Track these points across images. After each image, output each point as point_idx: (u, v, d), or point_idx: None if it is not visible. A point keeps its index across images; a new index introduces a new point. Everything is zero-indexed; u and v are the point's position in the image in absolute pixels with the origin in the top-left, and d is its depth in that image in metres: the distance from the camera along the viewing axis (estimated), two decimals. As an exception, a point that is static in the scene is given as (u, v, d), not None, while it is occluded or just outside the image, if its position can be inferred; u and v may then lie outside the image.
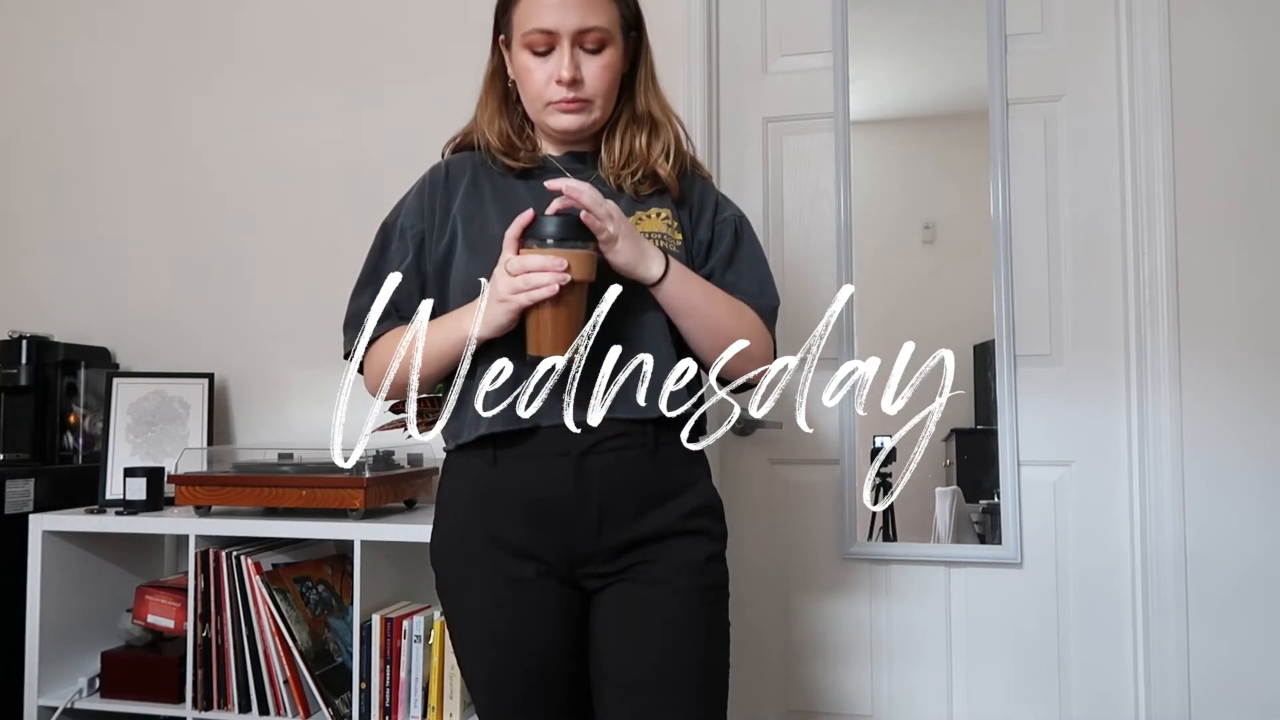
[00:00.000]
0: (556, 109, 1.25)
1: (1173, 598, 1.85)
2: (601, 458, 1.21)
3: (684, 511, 1.24)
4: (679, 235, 1.29)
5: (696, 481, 1.27)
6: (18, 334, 2.17)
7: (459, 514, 1.27)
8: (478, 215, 1.28)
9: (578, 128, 1.27)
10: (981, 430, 1.99)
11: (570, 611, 1.24)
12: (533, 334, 1.13)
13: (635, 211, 1.28)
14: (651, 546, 1.23)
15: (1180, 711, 1.83)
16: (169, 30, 2.40)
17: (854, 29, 2.07)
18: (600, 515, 1.21)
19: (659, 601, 1.21)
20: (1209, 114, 1.88)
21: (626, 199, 1.28)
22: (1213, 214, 1.87)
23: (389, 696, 1.77)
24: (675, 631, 1.21)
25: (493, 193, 1.30)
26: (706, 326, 1.25)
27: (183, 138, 2.37)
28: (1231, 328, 1.85)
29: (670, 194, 1.30)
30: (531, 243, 1.13)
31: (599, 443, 1.20)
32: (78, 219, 2.43)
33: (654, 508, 1.23)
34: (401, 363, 1.16)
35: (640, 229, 1.24)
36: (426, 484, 2.03)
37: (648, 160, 1.28)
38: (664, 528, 1.23)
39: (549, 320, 1.12)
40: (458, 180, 1.32)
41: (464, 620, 1.26)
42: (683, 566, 1.22)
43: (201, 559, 1.82)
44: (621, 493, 1.21)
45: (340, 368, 2.35)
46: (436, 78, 2.20)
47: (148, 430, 2.14)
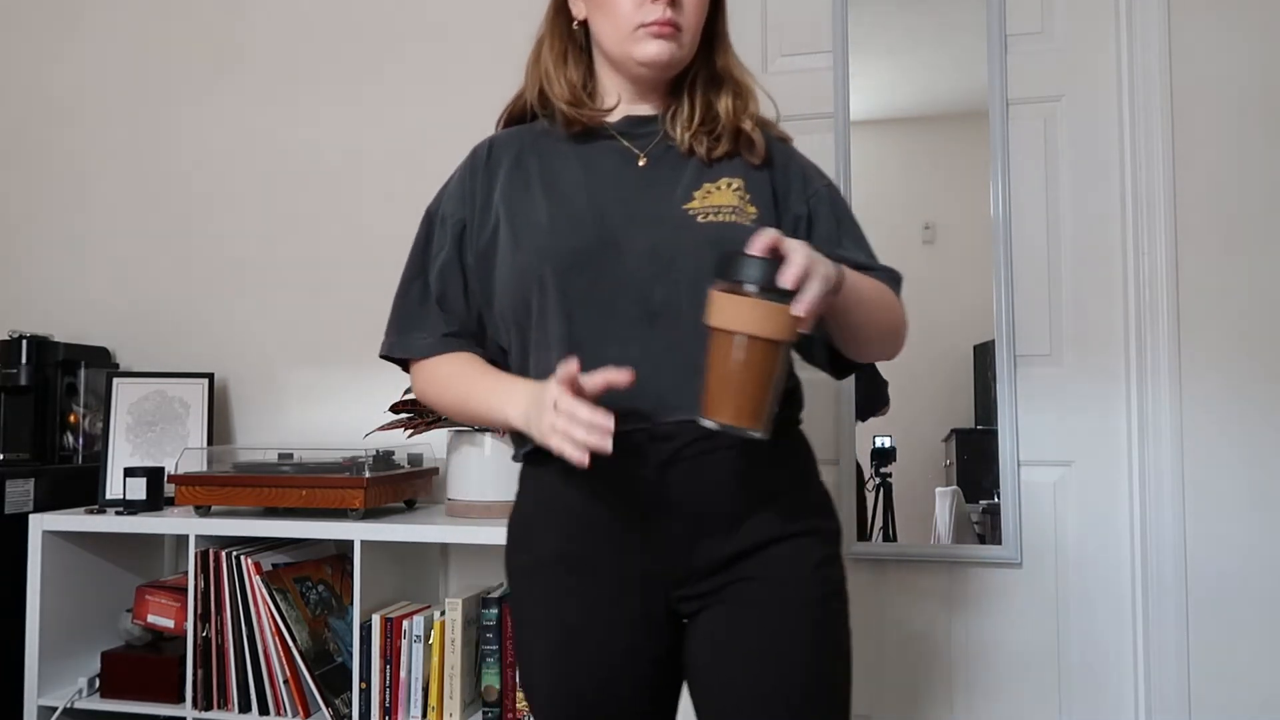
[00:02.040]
0: (649, 33, 1.11)
1: (1172, 597, 1.85)
2: (687, 466, 1.07)
3: (787, 513, 1.10)
4: (753, 208, 1.14)
5: (799, 476, 1.15)
6: (18, 334, 2.17)
7: (530, 530, 1.15)
8: (522, 200, 1.16)
9: (668, 58, 1.14)
10: (981, 430, 1.99)
11: (653, 645, 1.10)
12: (717, 395, 0.94)
13: (703, 183, 1.15)
14: (754, 558, 1.08)
15: (1180, 711, 1.83)
16: (167, 32, 2.40)
17: (854, 29, 2.07)
18: (690, 532, 1.08)
19: (766, 621, 1.07)
20: (1209, 114, 1.88)
21: (695, 165, 1.16)
22: (1213, 214, 1.87)
23: (389, 696, 1.77)
24: (788, 653, 1.06)
25: (540, 171, 1.18)
26: (869, 321, 1.11)
27: (183, 138, 2.37)
28: (1231, 328, 1.85)
29: (747, 159, 1.17)
30: (728, 285, 0.94)
31: (681, 449, 1.07)
32: (78, 219, 2.43)
33: (752, 514, 1.09)
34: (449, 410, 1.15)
35: (709, 202, 1.13)
36: (426, 484, 2.03)
37: (730, 120, 1.16)
38: (766, 535, 1.09)
39: (739, 382, 0.93)
40: (500, 160, 1.20)
41: (525, 651, 1.14)
42: (791, 577, 1.08)
43: (201, 559, 1.82)
44: (712, 503, 1.08)
45: (341, 368, 2.35)
46: (437, 77, 2.20)
47: (148, 430, 2.14)
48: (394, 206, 2.19)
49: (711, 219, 1.11)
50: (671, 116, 1.19)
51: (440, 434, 2.00)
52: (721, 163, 1.16)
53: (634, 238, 1.10)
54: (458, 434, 1.86)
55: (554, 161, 1.18)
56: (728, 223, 1.11)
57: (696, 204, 1.13)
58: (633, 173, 1.16)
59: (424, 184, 2.16)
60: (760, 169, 1.18)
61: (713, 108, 1.17)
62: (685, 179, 1.14)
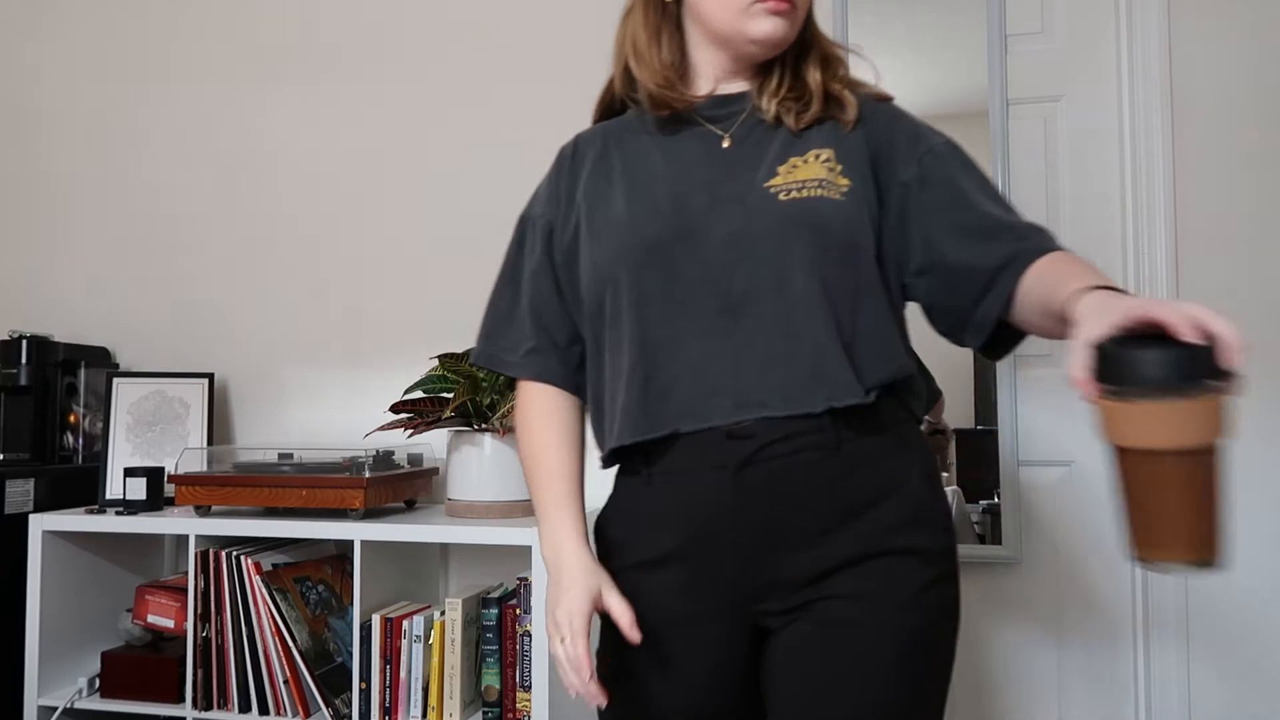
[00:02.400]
0: (765, 9, 1.05)
1: (1172, 597, 1.85)
2: (766, 468, 0.98)
3: (887, 525, 0.99)
4: (844, 179, 1.05)
5: (906, 481, 1.01)
6: (18, 334, 2.17)
7: (614, 535, 1.10)
8: (603, 196, 1.11)
9: (783, 35, 1.07)
10: (981, 430, 1.99)
11: (729, 662, 1.03)
12: (1158, 529, 0.74)
13: (789, 157, 1.06)
14: (842, 575, 0.99)
15: (1180, 711, 1.83)
16: (168, 29, 2.40)
17: (854, 29, 2.07)
18: (771, 541, 0.99)
19: (848, 647, 0.97)
20: (1209, 114, 1.88)
21: (783, 138, 1.08)
22: (1213, 214, 1.87)
23: (389, 696, 1.77)
24: (868, 686, 0.96)
25: (622, 165, 1.12)
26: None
27: (182, 138, 2.37)
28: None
29: (840, 119, 1.09)
30: (1116, 391, 0.73)
31: (761, 449, 0.98)
32: (78, 219, 2.43)
33: (845, 524, 0.99)
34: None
35: (794, 177, 1.04)
36: (426, 484, 2.03)
37: (818, 87, 1.09)
38: (855, 551, 0.98)
39: (1178, 505, 0.73)
40: (585, 157, 1.16)
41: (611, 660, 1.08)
42: (884, 600, 0.97)
43: (201, 559, 1.82)
44: (797, 510, 0.99)
45: (341, 368, 2.35)
46: (437, 77, 2.20)
47: (148, 430, 2.14)
48: (394, 207, 2.20)
49: (795, 195, 1.03)
50: (759, 89, 1.12)
51: (440, 434, 2.00)
52: (811, 131, 1.09)
53: (713, 224, 1.04)
54: (457, 434, 1.86)
55: (636, 153, 1.13)
56: (813, 197, 1.02)
57: (779, 180, 1.05)
58: (716, 156, 1.10)
59: (424, 185, 2.17)
60: (854, 131, 1.09)
61: (801, 77, 1.11)
62: (770, 155, 1.07)
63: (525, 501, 1.84)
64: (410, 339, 2.16)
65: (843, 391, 0.98)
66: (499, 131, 2.14)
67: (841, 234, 1.02)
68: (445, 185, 2.16)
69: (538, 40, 2.14)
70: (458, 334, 2.09)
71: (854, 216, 1.03)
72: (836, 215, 1.02)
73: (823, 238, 1.01)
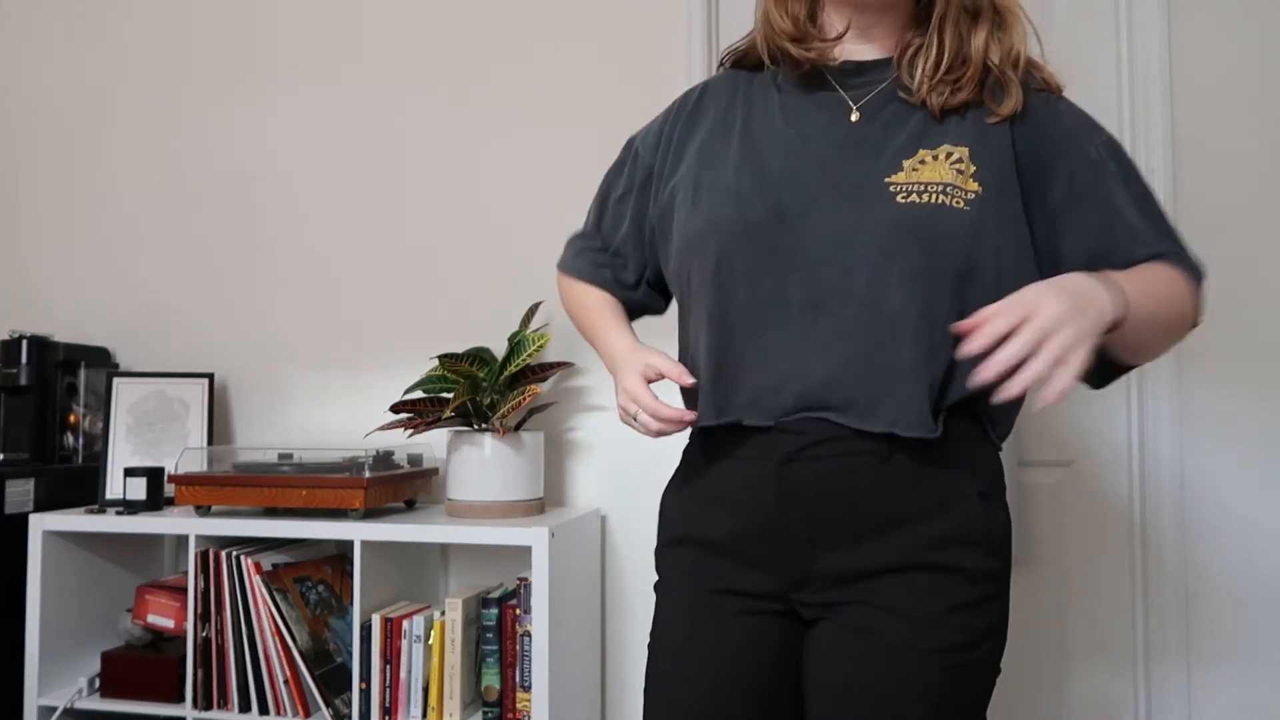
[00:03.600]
0: None
1: (1173, 598, 1.85)
2: (810, 466, 0.96)
3: (929, 539, 0.95)
4: (975, 184, 0.94)
5: (961, 500, 0.97)
6: (18, 334, 2.17)
7: (670, 505, 1.11)
8: (717, 157, 1.03)
9: None
10: (981, 430, 1.98)
11: (767, 647, 1.00)
12: None
13: (919, 149, 0.97)
14: (874, 582, 0.95)
15: (1181, 711, 1.83)
16: (170, 34, 2.40)
17: (854, 29, 2.06)
18: (810, 536, 0.97)
19: (871, 655, 0.94)
20: (1209, 114, 1.88)
21: (919, 122, 0.98)
22: (1213, 213, 1.87)
23: (389, 696, 1.77)
24: (885, 701, 0.92)
25: (743, 123, 1.04)
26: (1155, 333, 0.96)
27: (182, 138, 2.37)
28: (1232, 328, 1.85)
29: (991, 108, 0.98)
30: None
31: (807, 447, 0.96)
32: (78, 219, 2.43)
33: (886, 533, 0.95)
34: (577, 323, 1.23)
35: (918, 177, 0.95)
36: (426, 484, 2.03)
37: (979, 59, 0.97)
38: (897, 559, 0.95)
39: None
40: (707, 109, 1.08)
41: (654, 629, 1.08)
42: (911, 613, 0.93)
43: (201, 559, 1.82)
44: (837, 511, 0.96)
45: (341, 369, 2.35)
46: (438, 76, 2.20)
47: (148, 430, 2.14)
48: (394, 207, 2.19)
49: (914, 199, 0.94)
50: (911, 58, 1.00)
51: (440, 434, 2.00)
52: (952, 118, 0.98)
53: (821, 210, 0.97)
54: (458, 434, 1.86)
55: (762, 113, 1.04)
56: (933, 204, 0.93)
57: (902, 177, 0.95)
58: (840, 131, 1.00)
59: (423, 184, 2.17)
60: (1002, 125, 0.98)
61: (965, 46, 0.98)
62: (900, 141, 0.97)
63: (525, 501, 1.85)
64: (410, 339, 2.16)
65: (907, 424, 0.93)
66: (501, 132, 2.14)
67: (957, 251, 0.94)
68: (445, 185, 2.16)
69: (538, 40, 2.14)
70: (458, 334, 2.09)
71: (977, 228, 0.94)
72: (956, 227, 0.94)
73: (933, 256, 0.93)
